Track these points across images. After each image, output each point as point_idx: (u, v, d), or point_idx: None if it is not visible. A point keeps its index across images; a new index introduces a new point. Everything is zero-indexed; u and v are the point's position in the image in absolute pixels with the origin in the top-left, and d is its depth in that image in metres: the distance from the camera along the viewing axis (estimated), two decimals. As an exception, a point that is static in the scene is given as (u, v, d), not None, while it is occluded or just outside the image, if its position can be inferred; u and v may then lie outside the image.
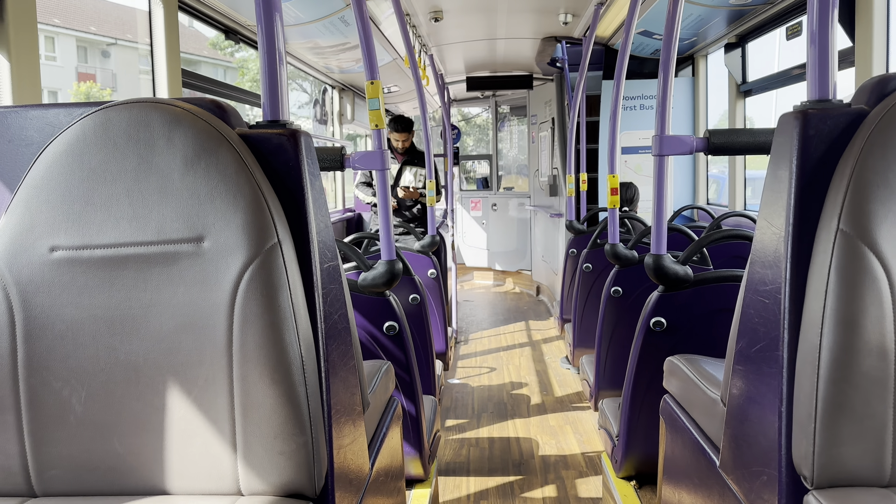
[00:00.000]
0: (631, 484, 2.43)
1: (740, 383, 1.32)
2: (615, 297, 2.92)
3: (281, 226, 1.13)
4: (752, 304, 1.27)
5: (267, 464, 1.11)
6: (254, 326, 1.08)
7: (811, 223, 1.13)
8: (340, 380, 1.27)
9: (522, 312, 6.89)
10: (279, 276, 1.10)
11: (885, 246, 1.05)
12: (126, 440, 1.13)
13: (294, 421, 1.10)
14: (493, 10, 4.56)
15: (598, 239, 3.85)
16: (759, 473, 1.23)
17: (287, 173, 1.18)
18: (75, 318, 1.12)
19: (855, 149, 1.09)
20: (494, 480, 3.08)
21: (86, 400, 1.13)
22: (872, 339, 1.05)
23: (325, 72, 5.61)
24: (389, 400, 1.88)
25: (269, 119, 1.26)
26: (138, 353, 1.11)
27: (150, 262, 1.11)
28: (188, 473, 1.13)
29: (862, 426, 1.07)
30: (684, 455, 1.68)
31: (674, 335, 2.19)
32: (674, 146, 2.04)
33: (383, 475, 1.65)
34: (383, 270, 2.24)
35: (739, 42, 4.53)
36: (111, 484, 1.15)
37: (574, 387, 4.41)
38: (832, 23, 1.22)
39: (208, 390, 1.10)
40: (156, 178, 1.10)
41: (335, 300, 1.27)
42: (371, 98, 2.14)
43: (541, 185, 7.42)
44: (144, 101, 1.14)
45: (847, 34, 3.01)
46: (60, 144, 1.13)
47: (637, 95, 5.36)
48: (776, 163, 1.21)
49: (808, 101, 1.23)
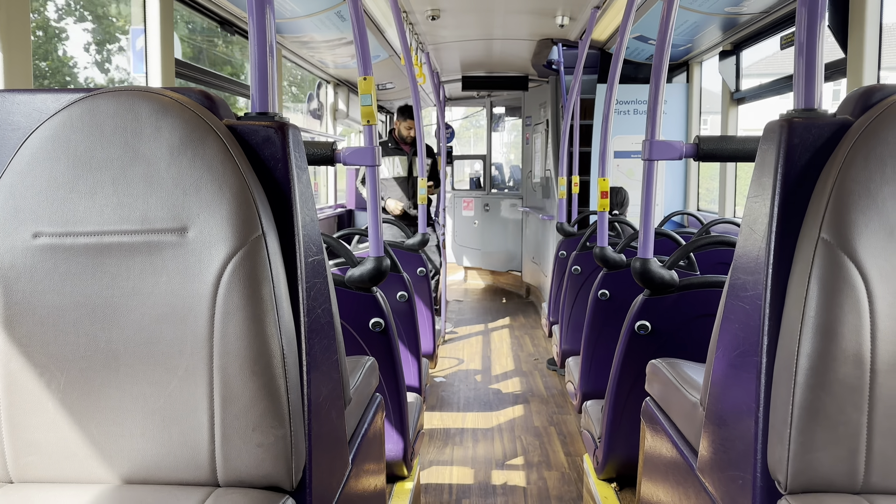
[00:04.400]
0: (612, 486, 2.44)
1: (719, 388, 1.33)
2: (602, 300, 2.94)
3: (266, 218, 1.13)
4: (733, 309, 1.28)
5: (245, 455, 1.11)
6: (235, 318, 1.08)
7: (793, 231, 1.14)
8: (322, 374, 1.27)
9: (511, 313, 6.90)
10: (262, 268, 1.10)
11: (864, 255, 1.06)
12: (104, 428, 1.13)
13: (273, 413, 1.10)
14: (490, 11, 4.56)
15: (587, 242, 3.86)
16: (735, 477, 1.24)
17: (274, 166, 1.18)
18: (57, 305, 1.12)
19: (838, 158, 1.10)
20: (477, 479, 3.09)
21: (65, 387, 1.12)
22: (849, 347, 1.06)
23: (320, 67, 5.60)
24: (372, 396, 1.88)
25: (257, 111, 1.26)
26: (119, 341, 1.11)
27: (134, 250, 1.11)
28: (166, 463, 1.13)
29: (836, 433, 1.08)
30: (664, 458, 1.69)
31: (658, 339, 2.20)
32: (663, 151, 2.05)
33: (364, 470, 1.66)
34: (370, 267, 2.24)
35: (734, 50, 4.55)
36: (88, 471, 1.14)
37: (559, 388, 4.43)
38: (820, 34, 1.24)
39: (188, 380, 1.10)
40: (141, 167, 1.10)
41: (319, 294, 1.27)
42: (363, 94, 2.14)
43: (533, 187, 7.44)
44: (132, 89, 1.13)
45: (840, 45, 3.03)
46: (46, 130, 1.12)
47: (631, 100, 5.37)
48: (761, 170, 1.22)
49: (794, 109, 1.24)
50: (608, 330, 2.94)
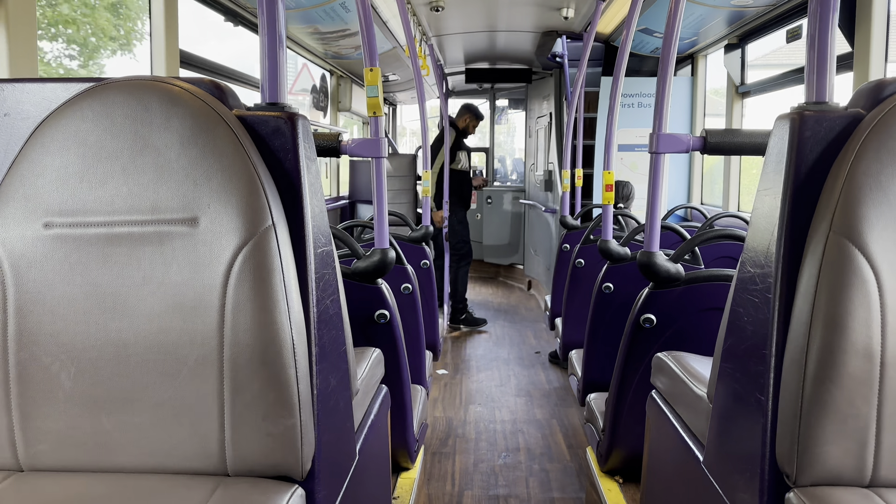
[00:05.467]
0: (615, 479, 2.45)
1: (727, 381, 1.33)
2: (606, 293, 2.93)
3: (276, 209, 1.13)
4: (742, 302, 1.28)
5: (255, 445, 1.11)
6: (245, 308, 1.08)
7: (804, 224, 1.14)
8: (330, 364, 1.27)
9: (514, 306, 6.90)
10: (273, 259, 1.10)
11: (875, 249, 1.06)
12: (114, 417, 1.13)
13: (283, 403, 1.10)
14: (494, 2, 4.54)
15: (591, 235, 3.85)
16: (743, 470, 1.24)
17: (284, 156, 1.18)
18: (67, 295, 1.12)
19: (849, 152, 1.10)
20: (479, 471, 3.10)
21: (75, 376, 1.13)
22: (859, 341, 1.06)
23: (324, 57, 5.59)
24: (378, 387, 1.89)
25: (268, 101, 1.25)
26: (129, 330, 1.11)
27: (144, 240, 1.11)
28: (175, 452, 1.13)
29: (845, 426, 1.08)
30: (669, 451, 1.69)
31: (663, 332, 2.20)
32: (670, 144, 2.04)
33: (369, 461, 1.66)
34: (375, 259, 2.24)
35: (739, 43, 4.53)
36: (98, 460, 1.15)
37: (562, 381, 4.43)
38: (832, 26, 1.23)
39: (198, 370, 1.10)
40: (152, 157, 1.10)
41: (328, 285, 1.27)
42: (370, 85, 2.13)
43: (536, 180, 7.43)
44: (143, 78, 1.13)
45: (847, 39, 3.02)
46: (57, 120, 1.12)
47: (636, 93, 5.36)
48: (771, 163, 1.21)
49: (806, 102, 1.23)
50: (611, 323, 2.94)
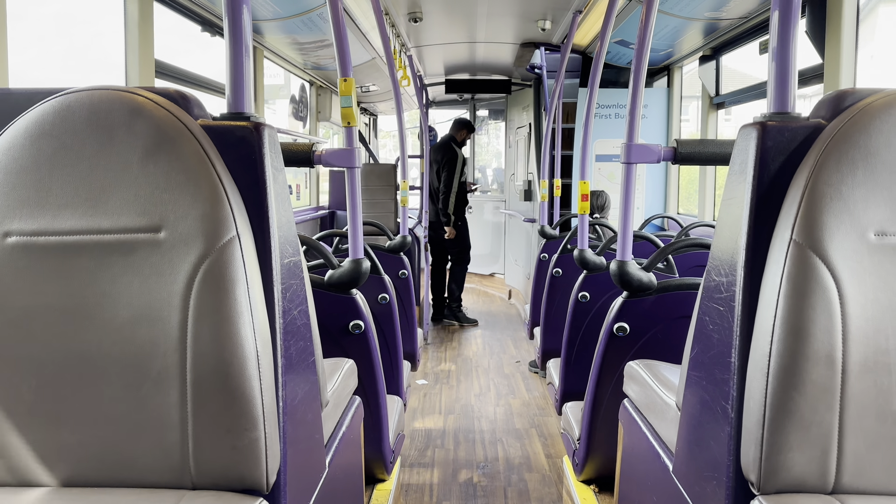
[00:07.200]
0: (591, 488, 2.45)
1: (694, 389, 1.34)
2: (582, 303, 2.95)
3: (240, 219, 1.12)
4: (708, 311, 1.29)
5: (219, 458, 1.10)
6: (208, 320, 1.07)
7: (766, 233, 1.15)
8: (297, 376, 1.26)
9: (493, 316, 6.91)
10: (237, 269, 1.09)
11: (835, 257, 1.07)
12: (76, 431, 1.11)
13: (247, 415, 1.09)
14: (472, 14, 4.57)
15: (568, 244, 3.87)
16: (709, 478, 1.25)
17: (249, 166, 1.17)
18: (28, 306, 1.10)
19: (811, 161, 1.11)
20: (458, 481, 3.08)
21: (37, 389, 1.11)
22: (821, 348, 1.07)
23: (303, 68, 5.58)
24: (351, 398, 1.87)
25: (232, 111, 1.25)
26: (91, 342, 1.10)
27: (107, 251, 1.09)
28: (138, 466, 1.12)
29: (808, 433, 1.09)
30: (641, 459, 1.70)
31: (636, 341, 2.21)
32: (642, 155, 2.06)
33: (340, 473, 1.65)
34: (349, 268, 2.23)
35: (713, 54, 4.59)
36: (60, 474, 1.13)
37: (541, 390, 4.44)
38: (793, 38, 1.25)
39: (161, 383, 1.09)
40: (114, 167, 1.09)
41: (295, 296, 1.26)
42: (344, 95, 2.13)
43: (516, 190, 7.45)
44: (106, 88, 1.12)
45: (817, 51, 3.07)
46: (18, 129, 1.11)
47: (612, 104, 5.40)
48: (735, 172, 1.23)
49: (769, 112, 1.25)
50: (588, 332, 2.95)
